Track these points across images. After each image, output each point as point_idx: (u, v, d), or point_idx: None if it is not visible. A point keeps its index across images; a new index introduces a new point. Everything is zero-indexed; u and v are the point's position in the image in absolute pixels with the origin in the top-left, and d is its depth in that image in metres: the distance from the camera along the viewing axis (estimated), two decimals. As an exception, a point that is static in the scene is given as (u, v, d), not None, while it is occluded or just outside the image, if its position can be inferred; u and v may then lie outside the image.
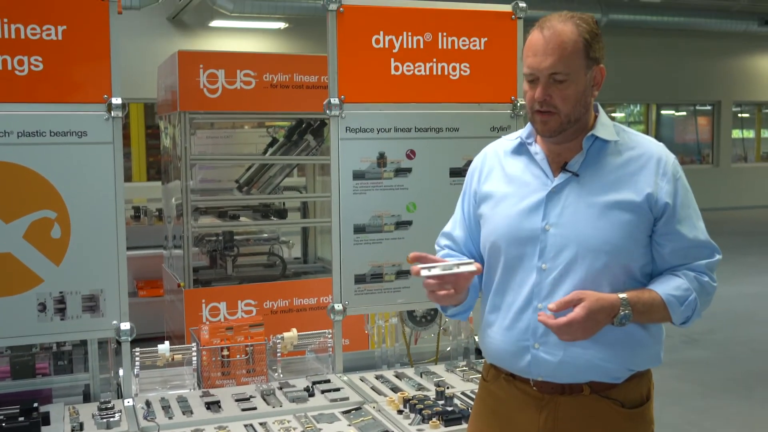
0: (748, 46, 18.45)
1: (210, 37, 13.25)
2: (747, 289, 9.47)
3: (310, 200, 6.44)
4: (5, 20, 2.83)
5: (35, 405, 2.82)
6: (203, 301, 5.21)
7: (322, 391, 3.10)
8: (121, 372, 3.11)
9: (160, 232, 7.11)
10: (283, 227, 6.62)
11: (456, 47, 3.38)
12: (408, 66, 3.33)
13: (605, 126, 2.20)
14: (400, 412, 2.87)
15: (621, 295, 2.06)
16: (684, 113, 20.22)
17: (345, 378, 3.29)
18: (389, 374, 3.35)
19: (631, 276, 2.14)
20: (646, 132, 19.07)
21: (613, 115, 19.72)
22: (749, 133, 20.57)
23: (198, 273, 5.82)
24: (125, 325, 3.05)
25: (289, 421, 2.82)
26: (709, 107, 19.42)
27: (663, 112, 19.80)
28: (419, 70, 3.34)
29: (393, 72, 3.31)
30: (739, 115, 20.14)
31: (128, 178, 14.28)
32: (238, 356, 3.23)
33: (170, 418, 2.85)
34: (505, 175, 2.27)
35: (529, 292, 2.15)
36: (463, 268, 2.09)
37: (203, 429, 2.75)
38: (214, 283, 5.68)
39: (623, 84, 17.38)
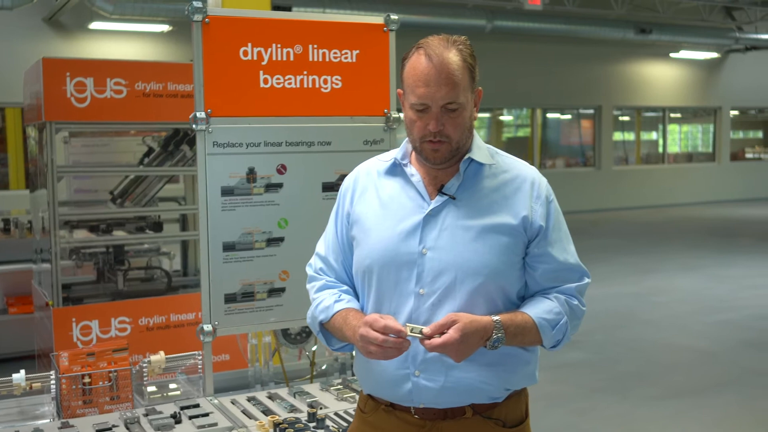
0: (626, 53, 19.20)
1: (90, 40, 12.79)
2: (626, 289, 9.80)
3: (189, 212, 6.25)
4: None
5: None
6: (73, 319, 4.97)
7: (190, 417, 2.97)
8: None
9: (30, 245, 6.78)
10: (162, 239, 6.40)
11: (327, 60, 3.32)
12: (278, 78, 3.24)
13: (480, 149, 2.19)
14: (269, 436, 2.79)
15: (494, 318, 2.05)
16: (569, 116, 20.84)
17: (216, 401, 3.17)
18: (262, 395, 3.25)
19: (507, 299, 2.14)
20: (532, 135, 19.60)
21: (501, 118, 20.19)
22: (630, 136, 21.38)
23: (70, 290, 5.56)
24: (-26, 355, 2.84)
25: (152, 452, 2.69)
26: (591, 111, 20.07)
27: (549, 115, 20.34)
28: (289, 83, 3.26)
29: (262, 85, 3.22)
30: (620, 118, 20.90)
31: (4, 185, 13.63)
32: (100, 383, 3.07)
33: (22, 453, 2.68)
34: (380, 197, 2.23)
35: (407, 318, 2.10)
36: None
37: (58, 465, 2.60)
38: (87, 300, 5.43)
39: (509, 88, 17.78)
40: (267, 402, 3.16)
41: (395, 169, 2.24)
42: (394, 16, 3.40)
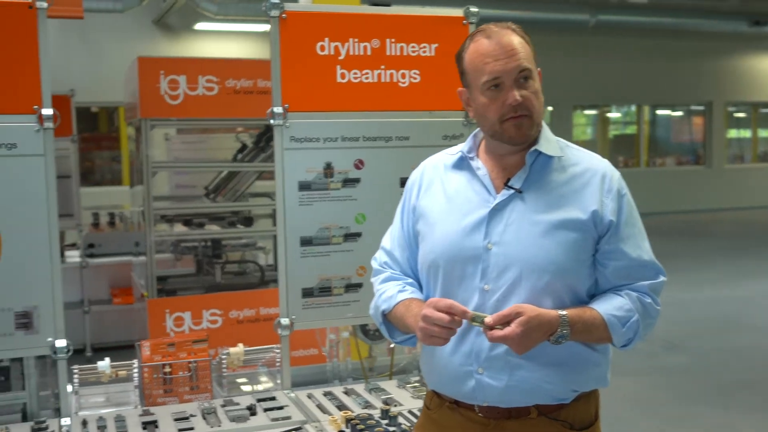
0: (738, 46, 18.36)
1: (195, 40, 13.16)
2: (735, 292, 9.38)
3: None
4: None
5: (-35, 426, 2.74)
6: (167, 310, 5.12)
7: (265, 410, 3.00)
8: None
9: (134, 238, 7.04)
10: (255, 234, 6.51)
11: (405, 54, 3.29)
12: (355, 73, 3.23)
13: (549, 141, 2.12)
14: (341, 432, 2.78)
15: (561, 313, 1.98)
16: (681, 113, 20.12)
17: (292, 395, 3.19)
18: (338, 390, 3.25)
19: (576, 296, 2.06)
20: (639, 132, 19.04)
21: (608, 115, 19.67)
22: (746, 133, 20.47)
23: (165, 282, 5.73)
24: (61, 342, 2.95)
25: (225, 443, 2.73)
26: (702, 107, 19.34)
27: (659, 112, 19.70)
28: (366, 78, 3.25)
29: (339, 79, 3.22)
30: (735, 115, 20.04)
31: (118, 181, 14.20)
32: (180, 373, 3.14)
33: (103, 439, 2.76)
34: (445, 190, 2.18)
35: (472, 310, 2.03)
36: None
37: (134, 451, 2.66)
38: (180, 293, 5.59)
39: (614, 85, 17.32)
40: (342, 397, 3.16)
41: (462, 163, 2.19)
42: (473, 9, 3.34)
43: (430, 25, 3.32)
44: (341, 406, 3.04)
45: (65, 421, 2.90)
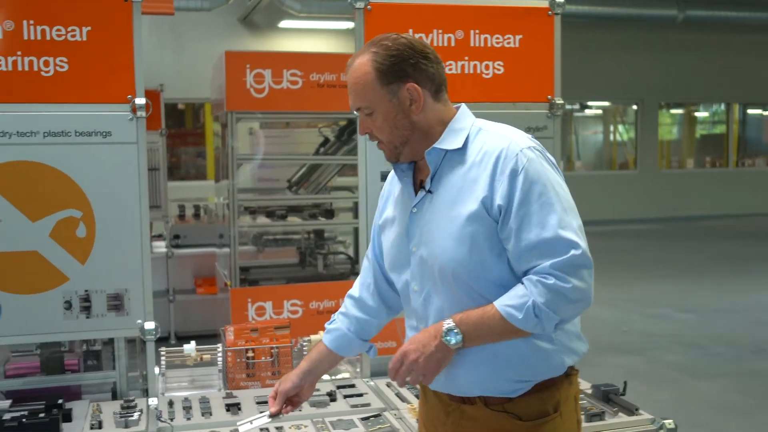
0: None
1: (279, 38, 13.38)
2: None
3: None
4: (31, 22, 2.87)
5: (60, 402, 2.85)
6: (249, 300, 5.23)
7: (345, 396, 3.05)
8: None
9: (219, 231, 7.20)
10: (333, 225, 6.56)
11: (489, 45, 3.28)
12: (439, 64, 3.24)
13: (454, 132, 2.11)
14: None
15: (446, 320, 2.02)
16: (773, 112, 19.47)
17: (371, 383, 3.23)
18: (417, 380, 3.27)
19: (496, 288, 2.02)
20: (728, 132, 18.46)
21: (695, 114, 19.10)
22: None
23: (248, 272, 5.85)
24: (149, 324, 3.05)
25: (306, 426, 2.77)
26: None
27: (750, 111, 19.08)
28: (450, 69, 3.25)
29: (423, 71, 3.22)
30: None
31: (203, 176, 14.55)
32: (263, 358, 3.21)
33: (188, 419, 2.83)
34: (393, 200, 2.28)
35: (414, 314, 2.18)
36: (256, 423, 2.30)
37: (218, 431, 2.73)
38: (262, 283, 5.70)
39: (702, 82, 16.85)
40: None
41: (396, 175, 2.27)
42: (559, 0, 3.31)
43: (514, 16, 3.30)
44: (420, 396, 3.05)
45: (152, 401, 2.99)
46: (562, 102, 3.35)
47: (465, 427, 2.15)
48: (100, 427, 2.77)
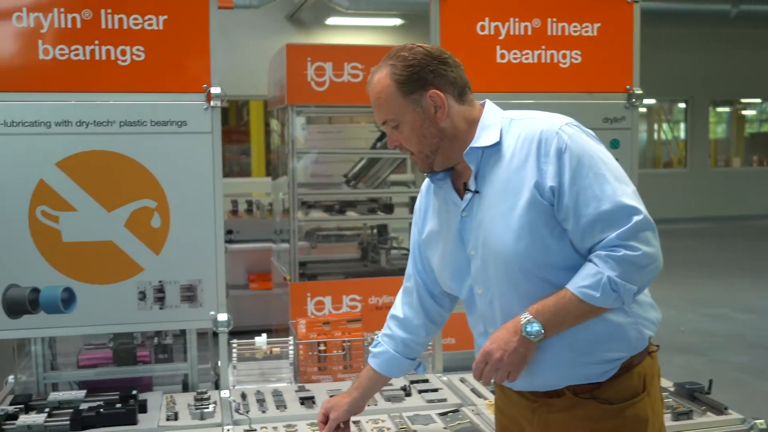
0: None
1: (327, 35, 13.36)
2: None
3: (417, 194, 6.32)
4: (109, 11, 2.86)
5: (134, 392, 2.84)
6: (308, 294, 5.20)
7: (420, 391, 2.99)
8: (219, 363, 3.09)
9: (271, 226, 7.19)
10: (390, 220, 6.51)
11: (566, 33, 3.20)
12: (515, 54, 3.18)
13: (486, 129, 2.09)
14: (499, 416, 2.73)
15: (523, 313, 2.00)
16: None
17: (444, 378, 3.17)
18: (491, 376, 3.20)
19: (562, 273, 1.99)
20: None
21: (743, 113, 18.73)
22: None
23: (305, 267, 5.83)
24: (222, 316, 3.03)
25: (383, 421, 2.72)
26: None
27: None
28: (527, 58, 3.18)
29: (499, 60, 3.17)
30: None
31: (247, 173, 14.62)
32: (334, 351, 3.17)
33: (264, 411, 2.80)
34: (434, 212, 2.27)
35: (481, 318, 2.16)
36: None
37: (295, 425, 2.69)
38: (320, 278, 5.68)
39: (755, 79, 16.51)
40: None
41: (432, 186, 2.27)
42: (639, -13, 3.22)
43: (592, 4, 3.22)
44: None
45: (224, 393, 2.96)
46: (641, 92, 3.27)
47: (553, 421, 2.11)
48: (176, 419, 2.75)
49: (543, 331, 1.97)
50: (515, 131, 2.06)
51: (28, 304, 2.89)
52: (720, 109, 18.56)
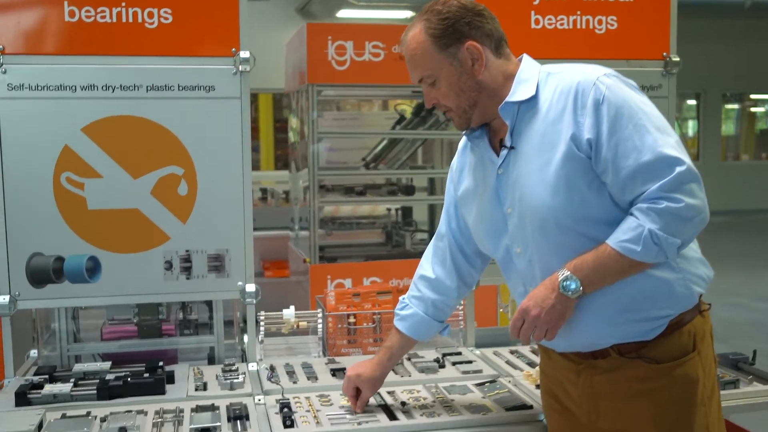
0: None
1: (337, 27, 13.28)
2: None
3: (437, 176, 6.25)
4: (136, -29, 2.79)
5: (160, 364, 2.77)
6: (328, 276, 5.13)
7: (453, 363, 2.91)
8: (245, 338, 3.01)
9: (286, 214, 7.12)
10: (410, 201, 6.40)
11: (602, -1, 3.12)
12: (549, 19, 3.10)
13: (523, 83, 2.04)
14: (538, 386, 2.64)
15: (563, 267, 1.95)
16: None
17: (477, 352, 3.09)
18: (525, 350, 3.13)
19: (604, 225, 1.92)
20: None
21: (752, 110, 18.59)
22: None
23: (323, 251, 5.76)
24: (251, 287, 2.95)
25: (418, 391, 2.64)
26: None
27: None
28: (561, 24, 3.10)
29: (533, 26, 3.09)
30: None
31: (256, 168, 14.55)
32: (365, 324, 3.09)
33: (294, 383, 2.72)
34: (470, 170, 2.23)
35: (520, 278, 2.12)
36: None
37: (329, 395, 2.61)
38: (340, 260, 5.62)
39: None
40: (531, 356, 3.03)
41: (469, 144, 2.24)
42: (677, -50, 3.14)
43: (629, -32, 3.14)
44: (532, 364, 2.91)
45: (252, 365, 2.89)
46: (678, 59, 3.18)
47: (599, 383, 2.04)
48: (204, 389, 2.67)
49: (581, 287, 1.92)
50: (552, 85, 2.02)
51: (53, 273, 2.82)
52: (728, 106, 18.43)
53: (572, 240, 1.95)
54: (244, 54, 2.87)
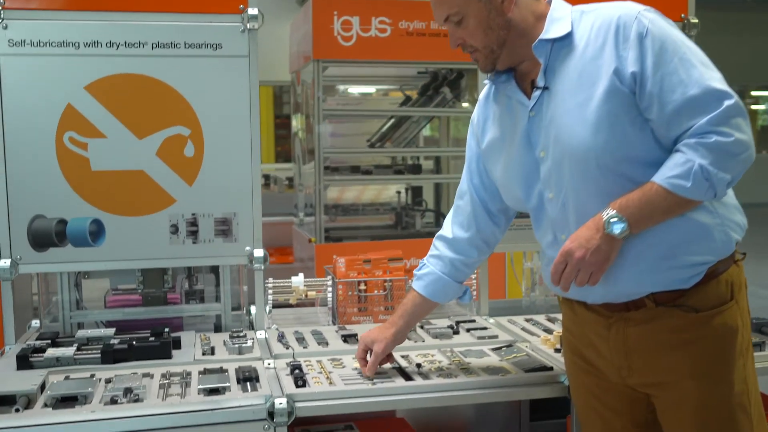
0: None
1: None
2: None
3: (443, 155, 6.15)
4: (142, -77, 2.71)
5: (166, 330, 2.68)
6: (335, 257, 5.03)
7: (468, 330, 2.83)
8: (253, 309, 2.92)
9: (290, 200, 7.04)
10: (416, 179, 6.31)
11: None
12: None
13: (555, 21, 1.96)
14: (557, 350, 2.56)
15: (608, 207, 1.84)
16: None
17: (491, 320, 3.01)
18: (541, 317, 3.05)
19: (645, 166, 1.84)
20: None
21: (752, 107, 18.49)
22: None
23: (328, 233, 5.67)
24: (259, 252, 2.87)
25: (433, 355, 2.56)
26: None
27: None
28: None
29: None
30: None
31: (256, 159, 14.41)
32: (375, 291, 3.01)
33: (305, 347, 2.64)
34: (495, 120, 2.14)
35: (551, 225, 2.03)
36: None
37: (341, 358, 2.53)
38: (345, 240, 5.54)
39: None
40: (547, 323, 2.95)
41: (492, 89, 2.16)
42: None
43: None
44: (549, 330, 2.83)
45: (260, 333, 2.80)
46: (697, 21, 3.10)
47: (632, 336, 1.95)
48: (212, 353, 2.59)
49: (628, 227, 1.82)
50: (587, 22, 1.94)
51: (55, 236, 2.74)
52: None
53: (611, 182, 1.87)
54: (252, 11, 2.78)
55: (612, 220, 1.83)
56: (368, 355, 2.34)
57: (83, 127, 2.72)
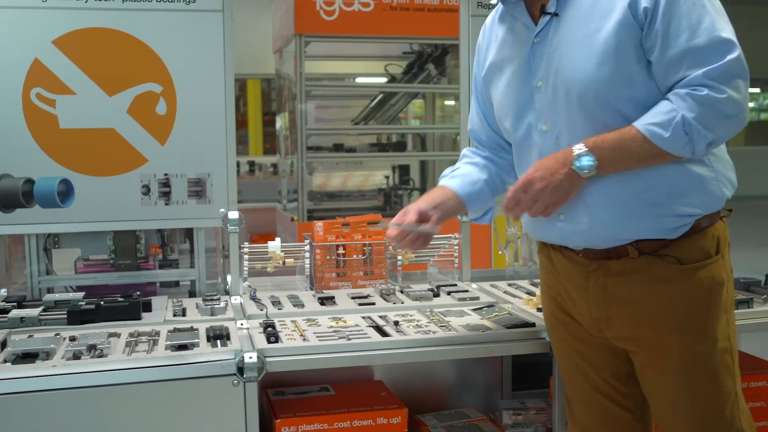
0: None
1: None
2: None
3: (428, 132, 6.07)
4: None
5: (137, 293, 2.59)
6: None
7: (449, 293, 2.75)
8: (229, 278, 2.83)
9: (274, 187, 6.97)
10: (399, 156, 6.20)
11: None
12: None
13: None
14: (539, 309, 2.48)
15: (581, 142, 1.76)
16: None
17: (474, 285, 2.93)
18: (524, 282, 2.97)
19: (645, 109, 1.75)
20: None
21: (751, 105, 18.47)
22: None
23: (312, 213, 5.60)
24: (233, 214, 2.78)
25: (412, 315, 2.48)
26: None
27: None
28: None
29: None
30: None
31: (245, 153, 14.32)
32: (354, 256, 2.92)
33: (279, 309, 2.56)
34: (498, 43, 2.03)
35: (539, 158, 1.88)
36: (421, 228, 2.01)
37: (316, 319, 2.44)
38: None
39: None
40: (530, 287, 2.87)
41: (500, 11, 2.05)
42: None
43: None
44: (531, 293, 2.75)
45: (235, 299, 2.72)
46: None
47: (612, 286, 1.87)
48: (183, 315, 2.50)
49: (596, 167, 1.75)
50: None
51: (22, 196, 2.64)
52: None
53: (609, 118, 1.78)
54: (227, -35, 2.70)
55: (582, 156, 1.75)
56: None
57: (51, 83, 2.63)
